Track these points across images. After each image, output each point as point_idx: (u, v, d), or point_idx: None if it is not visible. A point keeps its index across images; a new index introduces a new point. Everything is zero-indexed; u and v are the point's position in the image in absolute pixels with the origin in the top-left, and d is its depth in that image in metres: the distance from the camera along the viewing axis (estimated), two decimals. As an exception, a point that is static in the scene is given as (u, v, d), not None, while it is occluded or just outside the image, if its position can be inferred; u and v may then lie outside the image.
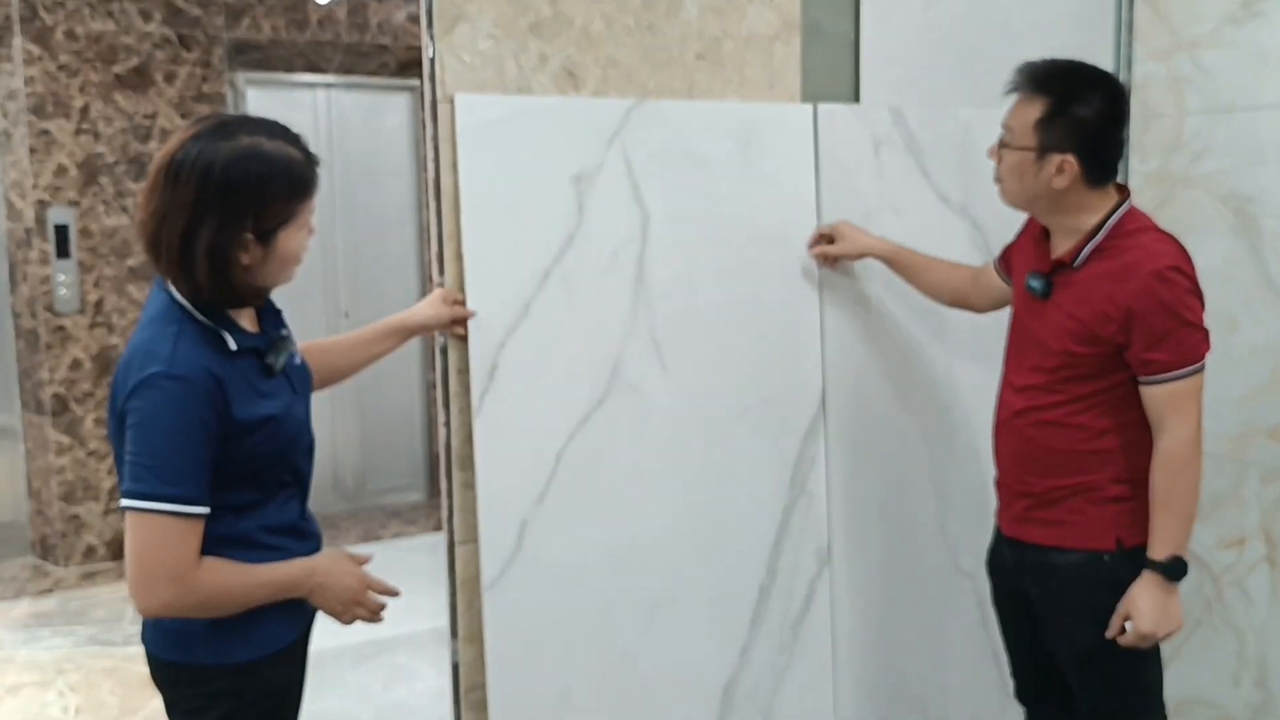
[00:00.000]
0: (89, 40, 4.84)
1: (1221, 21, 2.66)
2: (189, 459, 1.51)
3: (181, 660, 1.63)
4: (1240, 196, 2.65)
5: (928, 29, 2.58)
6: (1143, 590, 1.89)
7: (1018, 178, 1.97)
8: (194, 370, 1.51)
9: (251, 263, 1.56)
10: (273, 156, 1.54)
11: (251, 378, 1.61)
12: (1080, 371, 1.93)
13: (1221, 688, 2.79)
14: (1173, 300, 1.83)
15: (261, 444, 1.60)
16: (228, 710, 1.63)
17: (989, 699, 2.72)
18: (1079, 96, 1.91)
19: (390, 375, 5.99)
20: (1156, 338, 1.84)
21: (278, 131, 1.58)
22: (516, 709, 2.15)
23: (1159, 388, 1.87)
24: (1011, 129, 1.97)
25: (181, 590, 1.53)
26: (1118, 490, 1.94)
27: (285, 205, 1.56)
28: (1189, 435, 1.86)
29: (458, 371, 2.11)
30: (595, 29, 2.18)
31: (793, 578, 2.44)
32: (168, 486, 1.50)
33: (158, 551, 1.50)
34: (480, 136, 2.07)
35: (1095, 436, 1.95)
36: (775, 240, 2.38)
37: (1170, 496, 1.87)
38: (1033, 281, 2.01)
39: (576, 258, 2.16)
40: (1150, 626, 1.88)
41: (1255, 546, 2.70)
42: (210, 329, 1.56)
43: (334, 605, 1.71)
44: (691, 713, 2.35)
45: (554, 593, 2.17)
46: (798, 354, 2.42)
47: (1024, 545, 2.07)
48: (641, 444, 2.25)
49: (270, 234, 1.56)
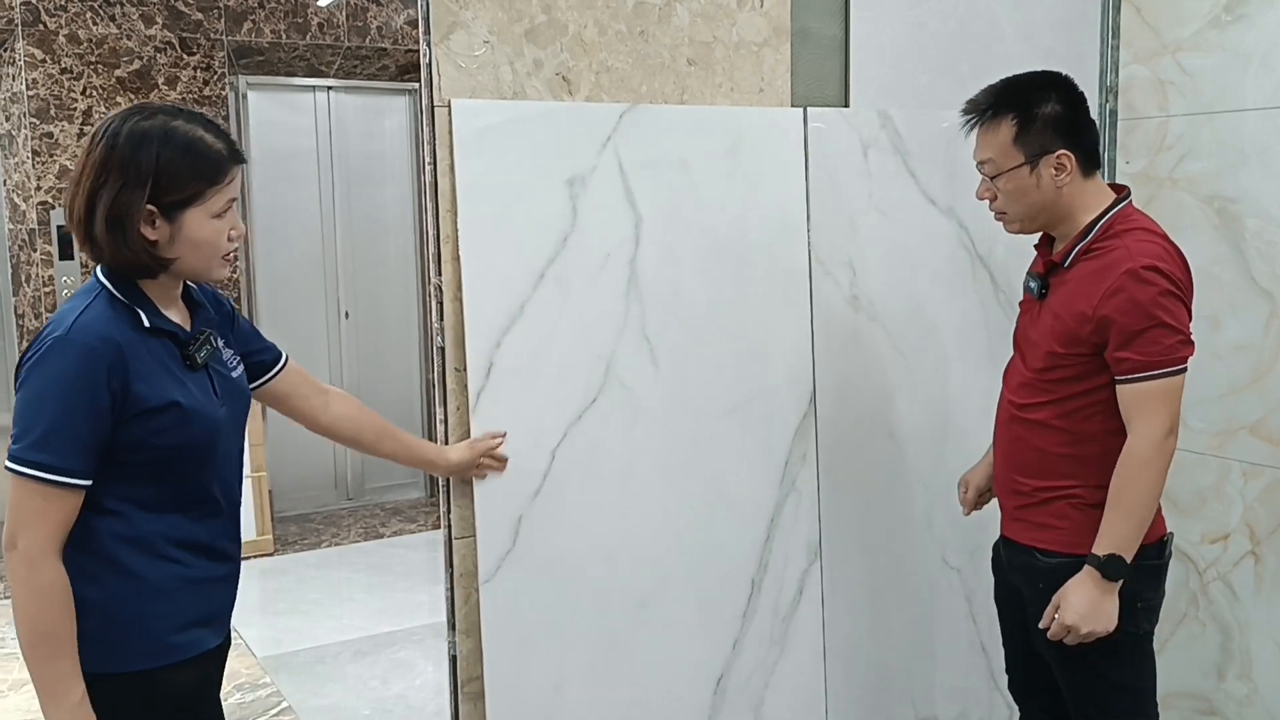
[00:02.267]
0: (91, 44, 4.90)
1: (1205, 25, 2.71)
2: (66, 425, 1.50)
3: (83, 669, 1.56)
4: (1223, 197, 2.70)
5: (916, 34, 2.63)
6: (1077, 585, 1.90)
7: (1020, 198, 1.97)
8: (91, 336, 1.52)
9: (158, 239, 1.56)
10: (179, 132, 1.57)
11: (165, 360, 1.60)
12: (1064, 374, 1.95)
13: (1207, 680, 2.84)
14: (1146, 300, 1.84)
15: (164, 433, 1.57)
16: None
17: (977, 691, 2.77)
18: (1036, 100, 1.95)
19: (390, 376, 6.05)
20: (1128, 337, 1.85)
21: (198, 120, 1.60)
22: (513, 700, 2.20)
23: (1128, 387, 1.88)
24: (993, 159, 1.98)
25: (21, 557, 1.51)
26: (1101, 496, 1.93)
27: (187, 182, 1.56)
28: (1154, 437, 1.85)
29: (454, 370, 2.16)
30: (588, 35, 2.23)
31: (783, 572, 2.49)
32: (36, 452, 1.50)
33: (20, 508, 1.51)
34: (476, 140, 2.11)
35: (1078, 441, 1.96)
36: (766, 242, 2.42)
37: (1122, 494, 1.88)
38: (1030, 282, 2.06)
39: (570, 259, 2.21)
40: (1075, 620, 1.88)
41: (1239, 541, 2.74)
42: (124, 304, 1.57)
43: None
44: (684, 705, 2.40)
45: (549, 586, 2.22)
46: (788, 352, 2.47)
47: (1014, 544, 2.10)
48: (634, 440, 2.30)
49: (173, 210, 1.56)
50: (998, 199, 2.01)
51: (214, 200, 1.59)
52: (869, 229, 2.53)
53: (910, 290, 2.60)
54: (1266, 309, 2.63)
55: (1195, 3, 2.72)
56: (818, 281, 2.49)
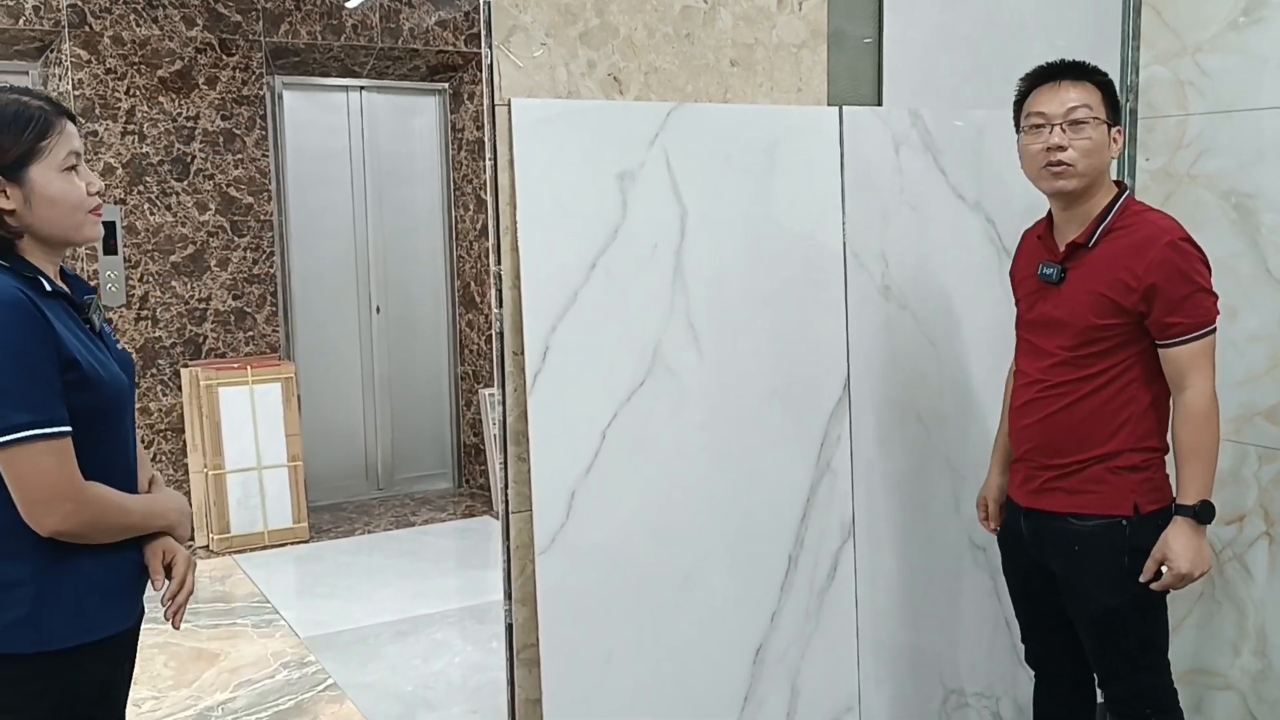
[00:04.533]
0: (135, 45, 5.04)
1: (1223, 27, 2.83)
2: (34, 380, 1.52)
3: (4, 652, 1.58)
4: (1240, 193, 2.81)
5: (945, 37, 2.75)
6: (1177, 534, 2.06)
7: (1094, 154, 2.11)
8: (13, 294, 1.53)
9: (15, 206, 1.58)
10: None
11: (70, 324, 1.62)
12: (1101, 346, 2.11)
13: (1223, 657, 2.96)
14: (1188, 268, 2.04)
15: (84, 392, 1.59)
16: (50, 707, 1.60)
17: (1001, 666, 2.89)
18: (1109, 82, 2.16)
19: (419, 370, 6.19)
20: (1175, 303, 2.03)
21: (13, 89, 1.63)
22: (566, 668, 2.32)
23: (1180, 349, 2.05)
24: (1089, 105, 2.12)
25: (75, 505, 1.55)
26: (1135, 459, 2.12)
27: (16, 140, 1.57)
28: (1208, 390, 2.06)
29: (512, 354, 2.28)
30: (638, 38, 2.35)
31: (818, 549, 2.61)
32: (23, 413, 1.50)
33: (40, 477, 1.52)
34: (533, 137, 2.24)
35: (1114, 410, 2.12)
36: (803, 234, 2.55)
37: (1196, 446, 2.06)
38: (1046, 270, 2.19)
39: (620, 250, 2.33)
40: (1188, 567, 2.05)
41: (1254, 523, 2.86)
42: (20, 274, 1.59)
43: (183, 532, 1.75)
44: (725, 675, 2.52)
45: (599, 559, 2.34)
46: (824, 340, 2.59)
47: (1044, 515, 2.23)
48: (679, 422, 2.42)
49: (15, 171, 1.58)
50: (1069, 150, 2.11)
51: (54, 153, 1.60)
52: (900, 223, 2.66)
53: (939, 281, 2.72)
54: (1281, 300, 2.75)
55: (1214, 6, 2.83)
56: (852, 273, 2.61)
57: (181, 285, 5.27)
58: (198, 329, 5.32)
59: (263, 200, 5.41)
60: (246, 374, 5.19)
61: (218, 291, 5.35)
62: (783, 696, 2.58)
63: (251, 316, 5.45)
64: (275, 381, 5.24)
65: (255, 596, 4.52)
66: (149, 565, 1.69)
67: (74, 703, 1.61)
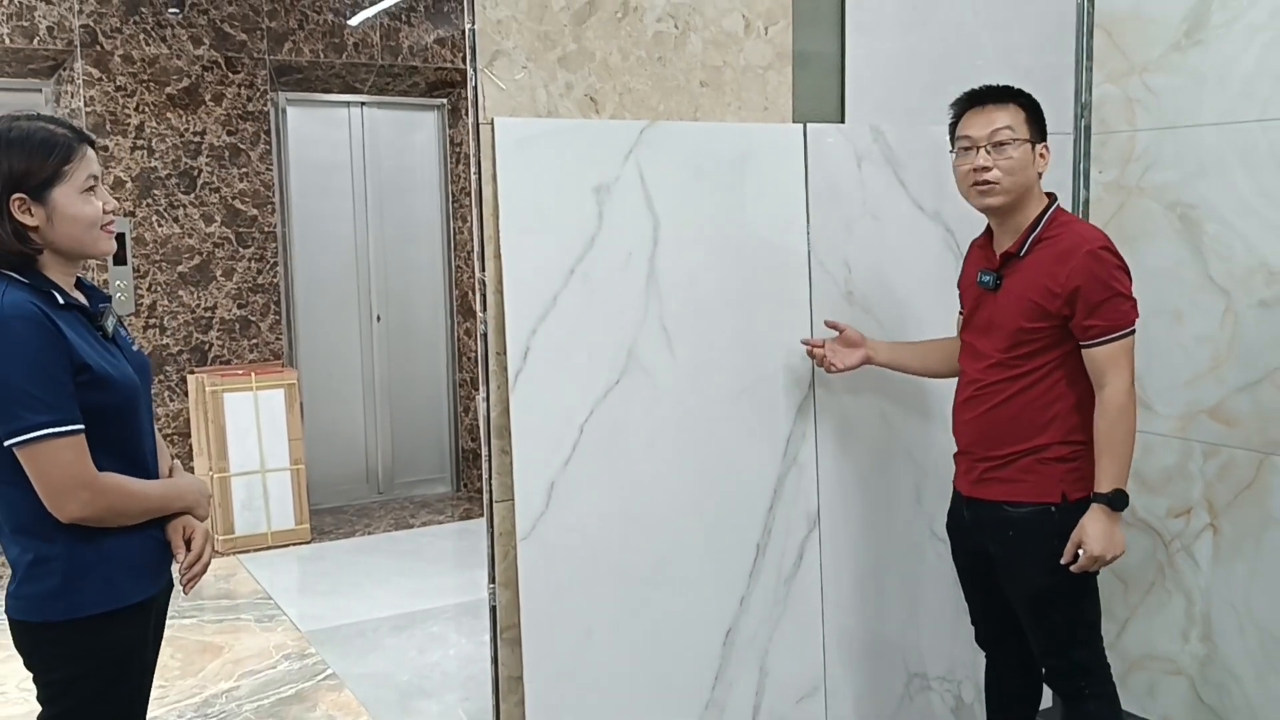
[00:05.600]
0: (144, 63, 5.24)
1: (1168, 49, 3.01)
2: (48, 385, 1.65)
3: (37, 620, 1.74)
4: (1184, 204, 2.99)
5: (906, 57, 2.93)
6: (1092, 520, 2.24)
7: (1019, 171, 2.29)
8: (26, 308, 1.66)
9: (39, 223, 1.73)
10: (22, 128, 1.74)
11: (83, 332, 1.75)
12: (1030, 348, 2.29)
13: (1172, 643, 3.12)
14: (1106, 275, 2.21)
15: (96, 393, 1.72)
16: (80, 670, 1.76)
17: (962, 651, 3.05)
18: (1032, 101, 2.34)
19: (419, 376, 6.37)
20: (1094, 306, 2.21)
21: (39, 116, 1.78)
22: (546, 645, 2.49)
23: (1099, 349, 2.23)
24: (1012, 126, 2.30)
25: (92, 494, 1.69)
26: (1063, 451, 2.30)
27: (43, 164, 1.72)
28: (1125, 387, 2.22)
29: (495, 354, 2.46)
30: (613, 61, 2.54)
31: (785, 538, 2.78)
32: (40, 414, 1.65)
33: (58, 470, 1.67)
34: (515, 153, 2.42)
35: (1043, 406, 2.30)
36: (770, 243, 2.72)
37: (1111, 439, 2.23)
38: (984, 277, 2.37)
39: (597, 257, 2.51)
40: (1100, 549, 2.22)
41: (1200, 515, 3.02)
42: (34, 288, 1.72)
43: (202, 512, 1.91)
44: (697, 654, 2.69)
45: (578, 545, 2.52)
46: (790, 341, 2.76)
47: (982, 503, 2.41)
48: (653, 418, 2.59)
49: (41, 192, 1.72)
50: (993, 170, 2.29)
51: (75, 177, 1.75)
52: (863, 232, 2.83)
53: (900, 286, 2.89)
54: (1222, 304, 2.92)
55: (1160, 29, 3.02)
56: (817, 278, 2.79)
57: (188, 294, 5.46)
58: (204, 336, 5.51)
59: (267, 212, 5.60)
60: (251, 380, 5.37)
61: (223, 300, 5.54)
62: (752, 677, 2.75)
63: (256, 325, 5.63)
64: (279, 388, 5.42)
65: (258, 593, 4.69)
66: (170, 540, 1.86)
67: (103, 664, 1.78)
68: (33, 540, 1.74)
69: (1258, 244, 2.83)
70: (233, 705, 3.58)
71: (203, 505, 1.93)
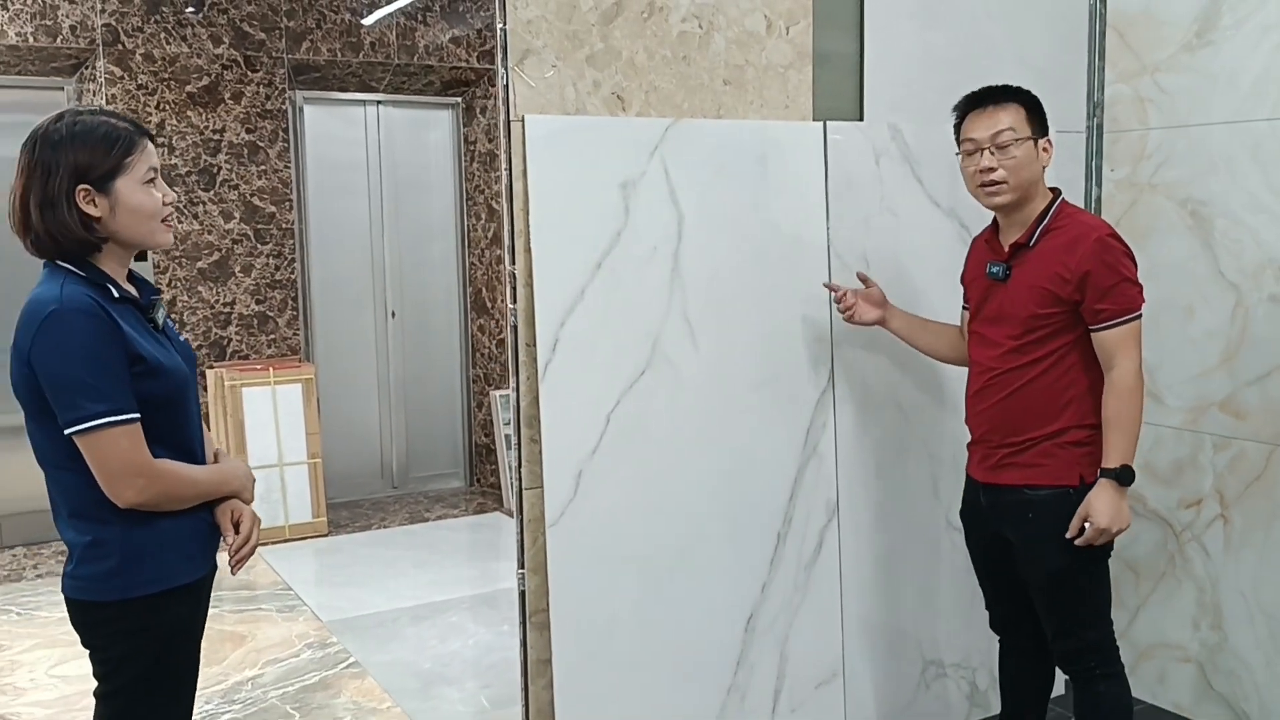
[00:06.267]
0: (165, 62, 5.31)
1: (1179, 49, 3.07)
2: (106, 375, 1.71)
3: (95, 599, 1.80)
4: (1195, 200, 3.05)
5: (923, 57, 2.99)
6: (1099, 494, 2.31)
7: (1024, 168, 2.37)
8: (85, 302, 1.72)
9: (101, 214, 1.78)
10: (86, 122, 1.79)
11: (135, 324, 1.81)
12: (1043, 333, 2.36)
13: (1183, 631, 3.18)
14: (1114, 261, 2.30)
15: (150, 382, 1.78)
16: (135, 647, 1.82)
17: (977, 639, 3.11)
18: (1032, 98, 2.41)
19: (433, 372, 6.44)
20: (1103, 291, 2.29)
21: (100, 110, 1.84)
22: (573, 630, 2.55)
23: (1108, 332, 2.31)
24: (1013, 127, 2.38)
25: (148, 480, 1.76)
26: (1080, 435, 2.38)
27: (106, 156, 1.78)
28: (1133, 368, 2.31)
29: (525, 345, 2.52)
30: (639, 60, 2.60)
31: (805, 527, 2.85)
32: (99, 404, 1.70)
33: (116, 458, 1.73)
34: (545, 150, 2.48)
35: (1058, 391, 2.38)
36: (791, 237, 2.79)
37: (1120, 417, 2.31)
38: (993, 268, 2.44)
39: (623, 251, 2.57)
40: (1106, 522, 2.30)
41: (1211, 506, 3.08)
42: (91, 281, 1.78)
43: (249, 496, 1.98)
44: (720, 640, 2.75)
45: (604, 531, 2.58)
46: (810, 334, 2.83)
47: (1001, 488, 2.47)
48: (676, 408, 2.66)
49: (104, 183, 1.77)
50: (999, 169, 2.37)
51: (136, 168, 1.80)
52: (881, 228, 2.90)
53: (916, 280, 2.95)
54: (1233, 299, 2.98)
55: (1171, 29, 3.08)
56: (836, 272, 2.85)
57: (207, 290, 5.53)
58: (223, 332, 5.58)
59: (284, 209, 5.67)
60: (269, 375, 5.44)
61: (242, 296, 5.61)
62: (772, 662, 2.82)
63: (274, 320, 5.70)
64: (296, 382, 5.49)
65: (278, 584, 4.76)
66: (219, 523, 1.93)
67: (156, 641, 1.84)
68: (90, 524, 1.80)
69: (1268, 240, 2.89)
70: (258, 692, 3.65)
71: (249, 489, 1.99)
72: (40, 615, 4.43)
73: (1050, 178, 2.49)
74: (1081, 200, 3.26)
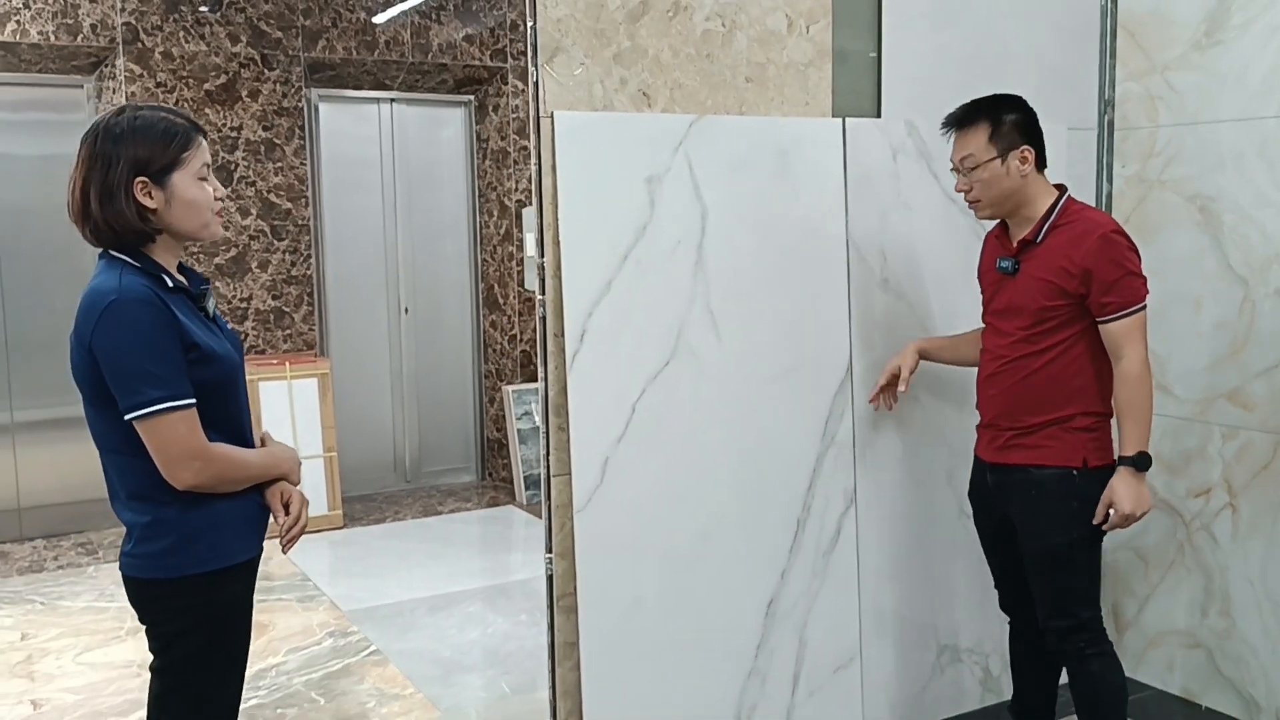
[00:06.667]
0: (183, 60, 5.38)
1: (1188, 48, 3.13)
2: (164, 362, 1.78)
3: (153, 577, 1.87)
4: (1204, 196, 3.12)
5: (938, 55, 3.06)
6: (1121, 481, 2.41)
7: (993, 187, 2.49)
8: (143, 292, 1.79)
9: (157, 206, 1.85)
10: (146, 117, 1.87)
11: (188, 313, 1.88)
12: (1051, 324, 2.45)
13: (1191, 618, 3.25)
14: (1118, 256, 2.39)
15: (203, 369, 1.85)
16: (191, 623, 1.89)
17: (991, 626, 3.18)
18: (1003, 110, 2.48)
19: (445, 368, 6.51)
20: (1108, 285, 2.38)
21: (158, 107, 1.92)
22: (599, 613, 2.62)
23: (1115, 324, 2.40)
24: (972, 154, 2.49)
25: (204, 463, 1.83)
26: (1086, 422, 2.47)
27: (164, 150, 1.86)
28: (1140, 358, 2.40)
29: (554, 335, 2.59)
30: (664, 58, 2.67)
31: (824, 514, 2.92)
32: (157, 389, 1.78)
33: (174, 442, 1.80)
34: (573, 145, 2.55)
35: (1069, 379, 2.47)
36: (811, 231, 2.86)
37: (1131, 405, 2.40)
38: (1003, 263, 2.53)
39: (648, 244, 2.64)
40: (1130, 507, 2.39)
41: (1219, 495, 3.15)
42: (146, 271, 1.85)
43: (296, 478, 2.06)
44: (741, 624, 2.82)
45: (630, 517, 2.65)
46: (829, 326, 2.90)
47: (1007, 468, 2.57)
48: (700, 398, 2.73)
49: (162, 177, 1.85)
50: (973, 190, 2.51)
51: (192, 163, 1.88)
52: (897, 222, 2.96)
53: (932, 273, 3.02)
54: (1241, 293, 3.05)
55: (1180, 29, 3.15)
56: (854, 266, 2.92)
57: (225, 286, 5.59)
58: (239, 327, 5.65)
59: (301, 206, 5.74)
60: (285, 369, 5.51)
61: (258, 292, 5.68)
62: (792, 646, 2.88)
63: (290, 316, 5.77)
64: (312, 377, 5.56)
65: (297, 576, 4.83)
66: (270, 505, 2.00)
67: (211, 617, 1.91)
68: (149, 505, 1.87)
69: (1275, 234, 2.96)
70: (283, 678, 3.72)
71: (296, 472, 2.06)
72: (63, 605, 4.50)
73: (1062, 174, 2.58)
74: (1092, 196, 3.32)
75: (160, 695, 1.93)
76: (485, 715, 3.43)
